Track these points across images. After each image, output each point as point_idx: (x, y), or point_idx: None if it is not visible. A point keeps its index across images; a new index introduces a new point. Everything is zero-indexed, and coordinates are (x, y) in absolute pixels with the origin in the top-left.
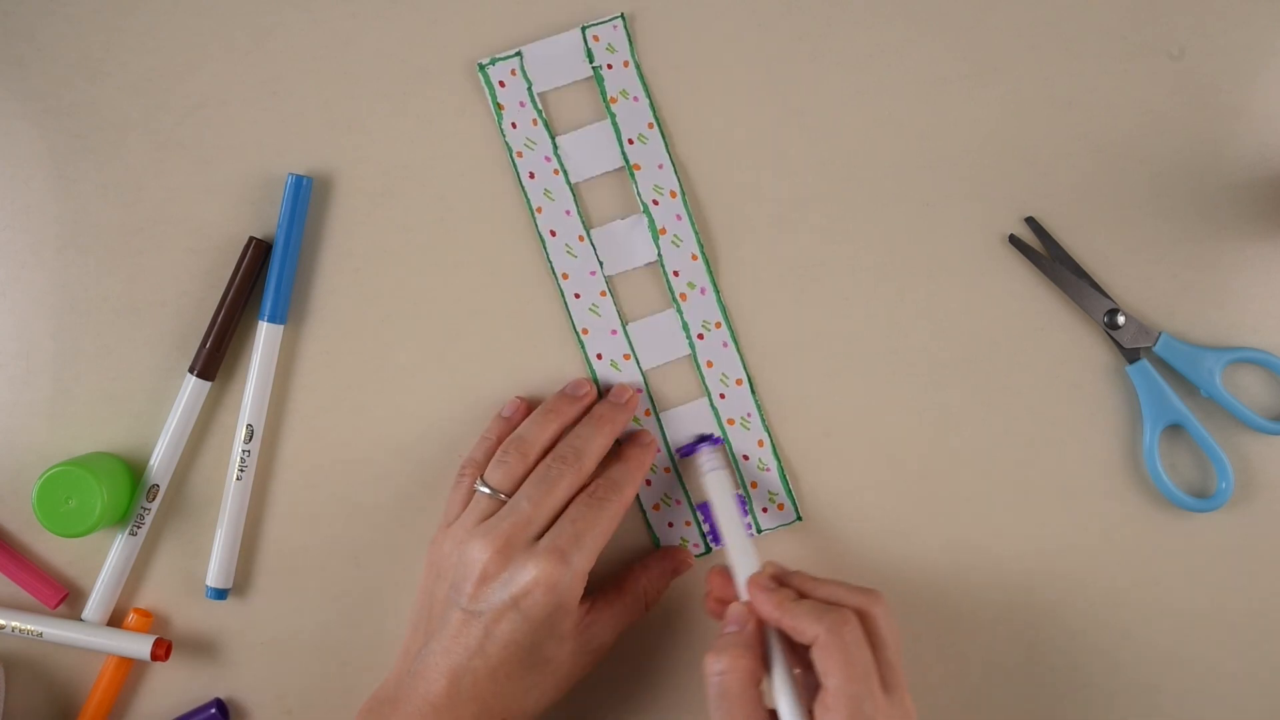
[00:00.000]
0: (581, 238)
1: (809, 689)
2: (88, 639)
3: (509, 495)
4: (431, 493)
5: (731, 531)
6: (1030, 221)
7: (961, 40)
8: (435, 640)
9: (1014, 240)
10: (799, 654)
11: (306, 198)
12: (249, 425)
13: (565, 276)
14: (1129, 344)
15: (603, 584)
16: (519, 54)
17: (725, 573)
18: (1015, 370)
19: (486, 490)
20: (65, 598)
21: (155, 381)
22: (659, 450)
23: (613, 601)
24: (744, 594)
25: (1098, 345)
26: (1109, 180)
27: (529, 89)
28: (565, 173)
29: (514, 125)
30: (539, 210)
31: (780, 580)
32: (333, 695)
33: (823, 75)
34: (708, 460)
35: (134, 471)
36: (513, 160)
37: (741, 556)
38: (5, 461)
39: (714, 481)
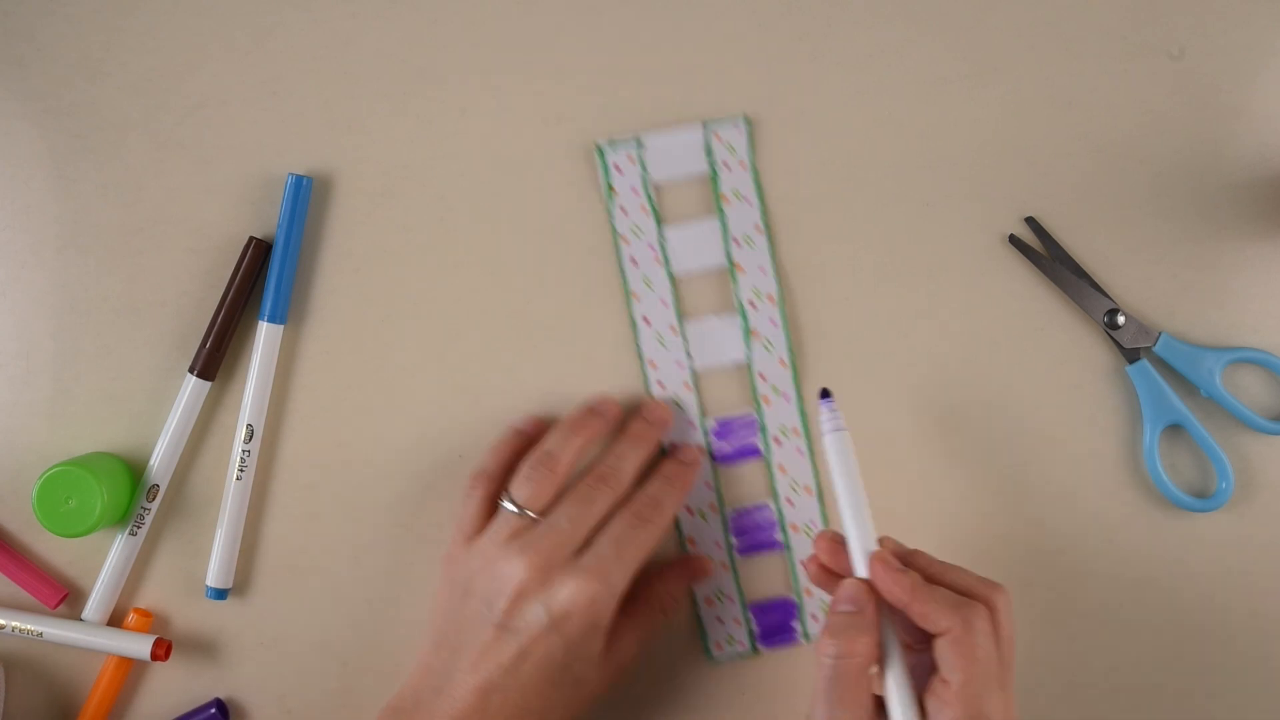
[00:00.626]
0: (674, 329)
1: (918, 674)
2: (88, 639)
3: (536, 513)
4: (432, 493)
5: (851, 498)
6: (1030, 221)
7: (961, 40)
8: (462, 656)
9: (1014, 240)
10: (913, 637)
11: (306, 198)
12: (249, 425)
13: (653, 365)
14: (1129, 344)
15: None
16: (639, 142)
17: (836, 539)
18: (1015, 370)
19: (514, 508)
20: (65, 598)
21: (155, 381)
22: (700, 468)
23: (631, 613)
24: (860, 569)
25: (1098, 345)
26: (1109, 180)
27: (644, 177)
28: (668, 263)
29: (623, 210)
30: (635, 296)
31: (904, 560)
32: (333, 695)
33: (823, 75)
34: (829, 420)
35: (134, 471)
36: (616, 243)
37: (859, 528)
38: (5, 461)
39: (834, 442)
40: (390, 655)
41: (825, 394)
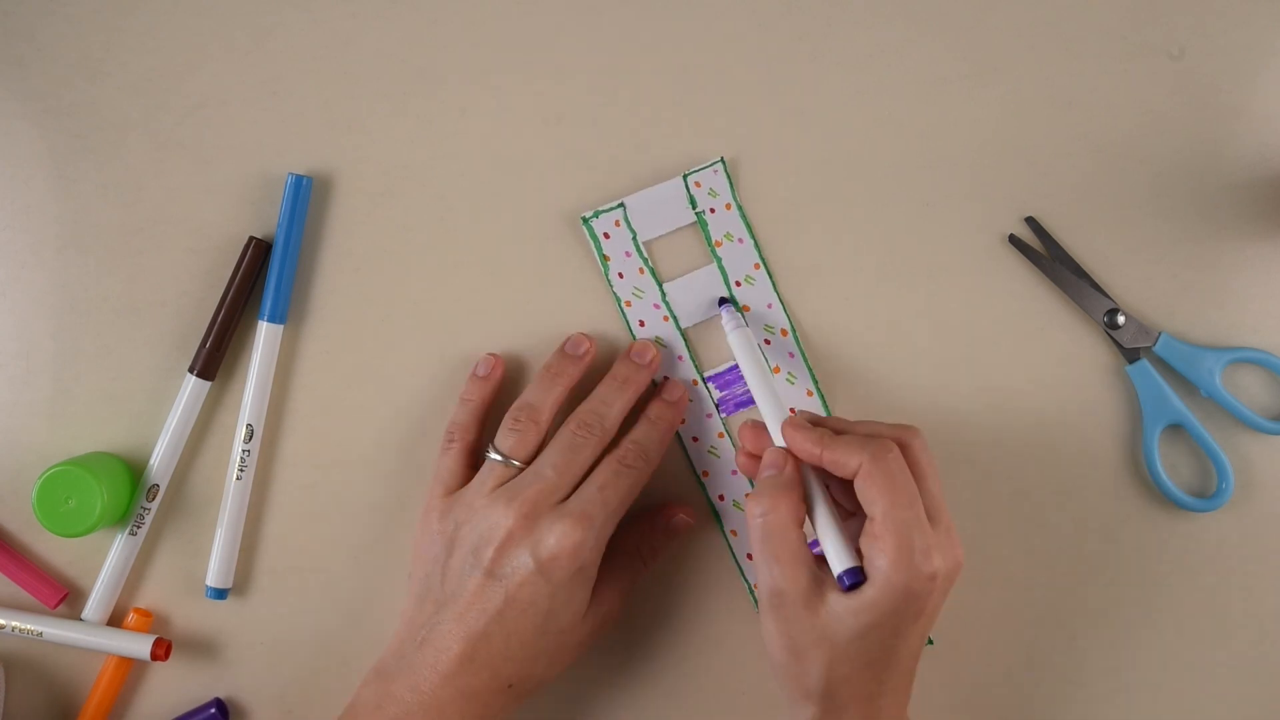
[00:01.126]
0: (696, 381)
1: (853, 531)
2: (88, 639)
3: (522, 463)
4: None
5: (760, 384)
6: (1030, 221)
7: (961, 40)
8: (449, 607)
9: (1014, 240)
10: (840, 495)
11: (306, 198)
12: (249, 425)
13: (683, 421)
14: (1129, 344)
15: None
16: (622, 205)
17: (756, 426)
18: (1015, 370)
19: (499, 458)
20: (65, 598)
21: (155, 381)
22: (687, 404)
23: (613, 564)
24: (779, 441)
25: (1098, 345)
26: (1109, 180)
27: (634, 239)
28: (675, 319)
29: (620, 275)
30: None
31: (814, 422)
32: (333, 695)
33: (823, 75)
34: (729, 320)
35: (134, 471)
36: (621, 309)
37: (773, 407)
38: (5, 461)
39: (738, 339)
40: None
41: (724, 301)
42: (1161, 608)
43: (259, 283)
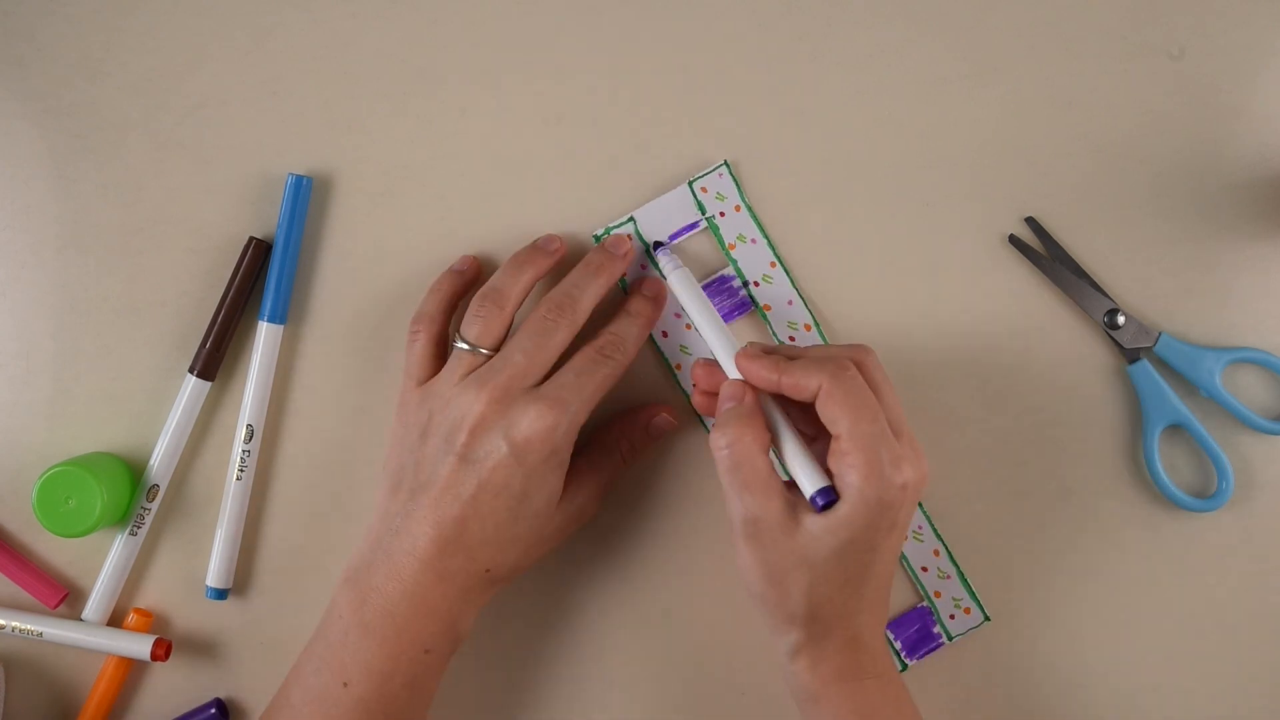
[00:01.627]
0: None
1: (818, 452)
2: (88, 639)
3: (489, 350)
4: None
5: (706, 321)
6: (1030, 221)
7: (961, 40)
8: (422, 494)
9: (1014, 240)
10: (799, 420)
11: (306, 198)
12: (249, 425)
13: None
14: (1129, 344)
15: (581, 442)
16: (632, 219)
17: (709, 364)
18: (1015, 370)
19: (465, 346)
20: (65, 598)
21: (155, 381)
22: (666, 303)
23: (592, 459)
24: (733, 374)
25: (1098, 345)
26: (1109, 180)
27: (648, 250)
28: (696, 327)
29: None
30: (678, 367)
31: (766, 351)
32: None
33: (823, 75)
34: (666, 262)
35: (134, 471)
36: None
37: (722, 341)
38: (5, 461)
39: (678, 280)
40: None
41: (659, 245)
42: (1161, 608)
43: (259, 283)
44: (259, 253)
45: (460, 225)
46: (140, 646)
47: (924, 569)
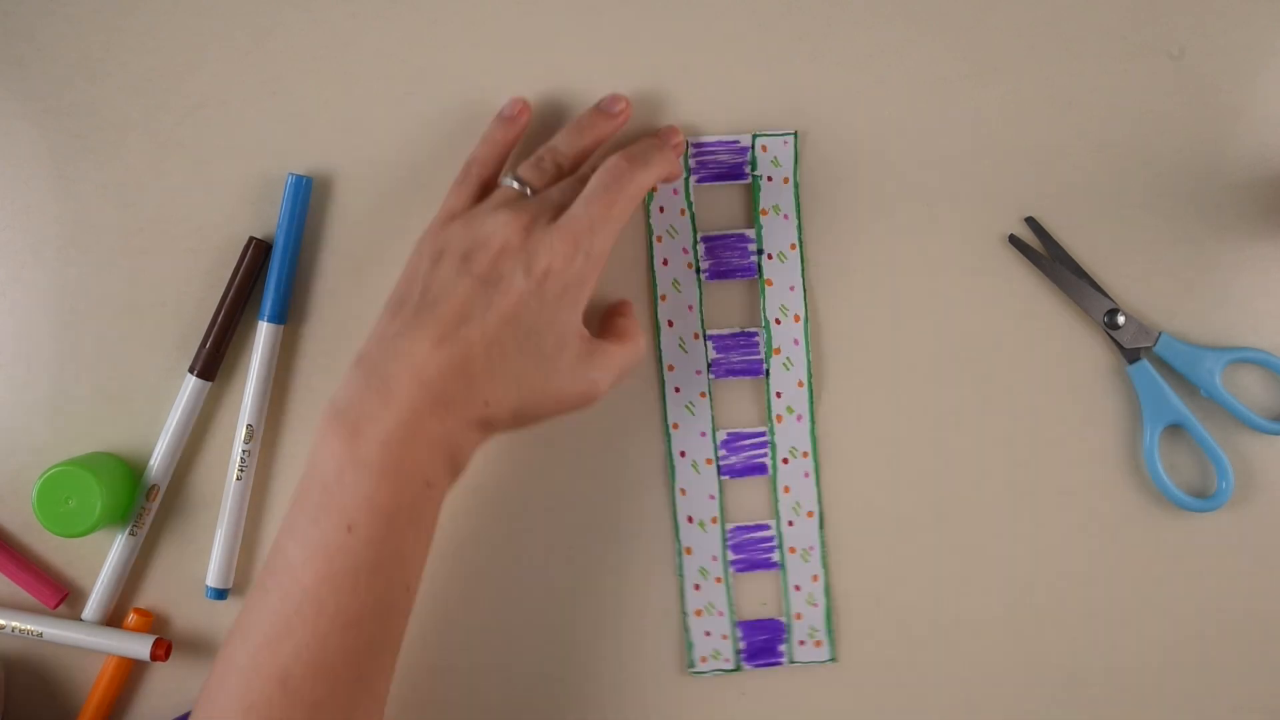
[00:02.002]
0: (697, 335)
1: None
2: (87, 639)
3: (534, 192)
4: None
5: None
6: (1030, 221)
7: (961, 40)
8: (427, 312)
9: (1014, 240)
10: None
11: (306, 198)
12: (249, 425)
13: (671, 368)
14: (1129, 344)
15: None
16: (687, 141)
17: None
18: (1015, 370)
19: (515, 184)
20: (65, 598)
21: (155, 381)
22: (682, 152)
23: (615, 338)
24: None
25: (1098, 345)
26: (1109, 180)
27: (687, 179)
28: (698, 270)
29: (661, 209)
30: (663, 298)
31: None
32: None
33: (823, 75)
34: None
35: (134, 471)
36: (650, 242)
37: None
38: (5, 461)
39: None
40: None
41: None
42: (1161, 608)
43: (259, 283)
44: (259, 253)
45: None
46: (140, 647)
47: (797, 588)
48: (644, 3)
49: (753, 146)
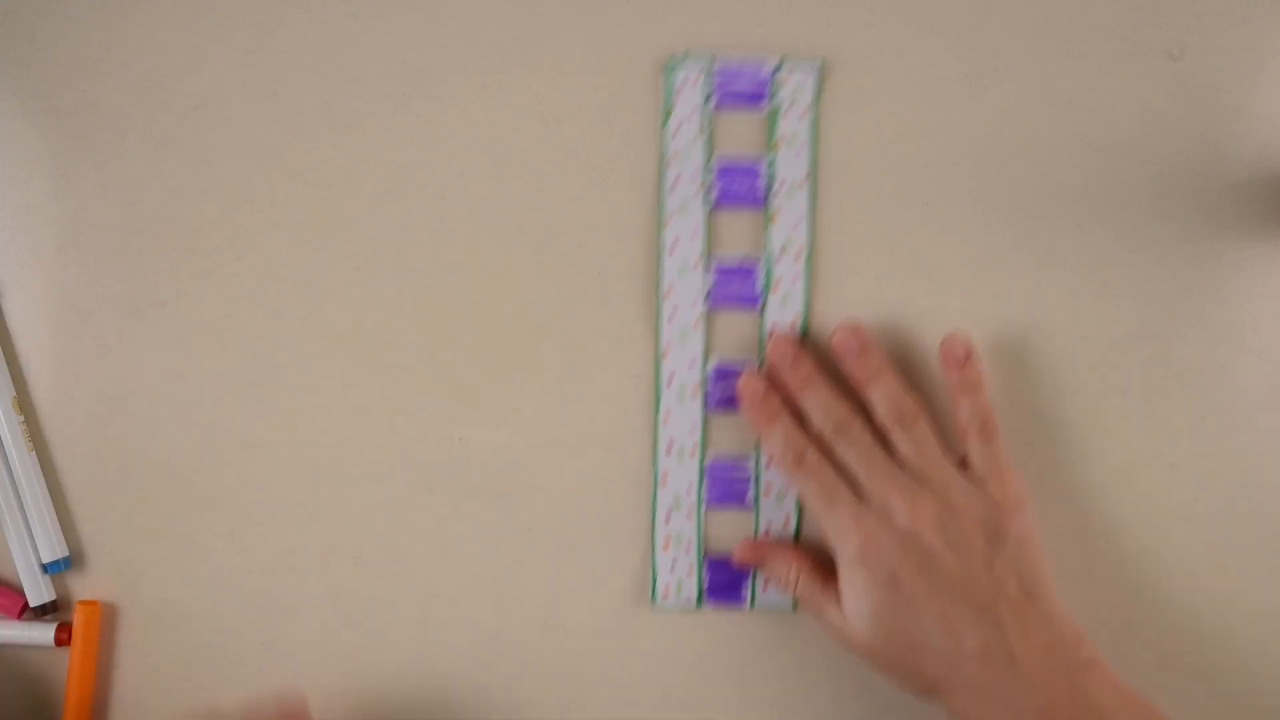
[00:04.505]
0: (697, 262)
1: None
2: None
3: None
4: (431, 492)
5: None
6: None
7: (961, 40)
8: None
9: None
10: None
11: None
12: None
13: (669, 294)
14: None
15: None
16: (710, 61)
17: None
18: (1015, 370)
19: None
20: (26, 607)
21: (155, 381)
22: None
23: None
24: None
25: None
26: (1109, 180)
27: (705, 100)
28: (705, 194)
29: (676, 132)
30: (668, 221)
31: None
32: (332, 696)
33: (823, 75)
34: None
35: None
36: (661, 165)
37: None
38: None
39: None
40: (391, 656)
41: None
42: (1160, 608)
43: None
44: None
45: (460, 225)
46: (43, 634)
47: (767, 530)
48: (644, 3)
49: (775, 73)
